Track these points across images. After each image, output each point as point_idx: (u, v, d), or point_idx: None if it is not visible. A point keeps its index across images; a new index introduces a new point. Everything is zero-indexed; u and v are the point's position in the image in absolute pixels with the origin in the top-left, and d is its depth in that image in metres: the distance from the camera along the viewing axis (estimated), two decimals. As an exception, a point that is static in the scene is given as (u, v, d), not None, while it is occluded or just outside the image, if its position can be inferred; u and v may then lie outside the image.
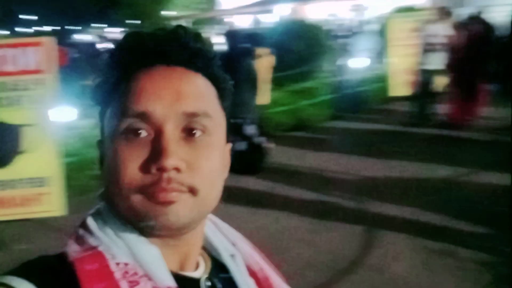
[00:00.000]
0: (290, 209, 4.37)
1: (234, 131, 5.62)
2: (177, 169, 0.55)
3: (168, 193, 0.55)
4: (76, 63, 9.38)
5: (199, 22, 21.46)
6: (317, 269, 3.35)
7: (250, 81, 5.45)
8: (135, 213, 0.56)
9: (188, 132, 0.58)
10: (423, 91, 7.29)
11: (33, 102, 3.83)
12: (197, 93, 0.59)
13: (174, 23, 10.32)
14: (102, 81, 0.62)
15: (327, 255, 3.53)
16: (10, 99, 3.82)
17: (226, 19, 22.19)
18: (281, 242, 3.75)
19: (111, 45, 11.21)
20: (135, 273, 0.56)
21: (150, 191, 0.55)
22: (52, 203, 3.92)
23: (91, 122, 4.78)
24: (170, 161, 0.54)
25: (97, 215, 0.61)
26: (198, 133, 0.58)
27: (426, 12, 7.85)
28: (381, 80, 9.01)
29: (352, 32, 9.88)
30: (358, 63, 8.65)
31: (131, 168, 0.56)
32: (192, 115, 0.58)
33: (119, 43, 0.62)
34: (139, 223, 0.57)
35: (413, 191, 4.63)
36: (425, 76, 7.17)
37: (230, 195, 4.83)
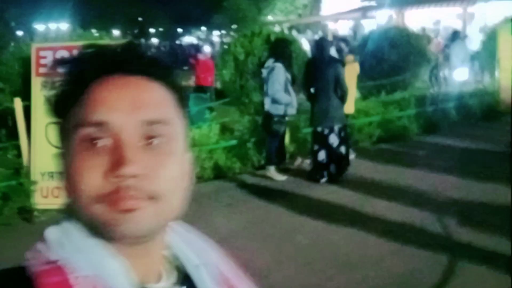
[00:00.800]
0: (365, 226, 4.14)
1: (317, 140, 5.50)
2: (136, 177, 0.56)
3: (128, 201, 0.55)
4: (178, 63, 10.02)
5: (297, 27, 21.52)
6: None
7: (336, 89, 5.29)
8: (96, 222, 0.57)
9: (147, 140, 0.58)
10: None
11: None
12: (154, 101, 0.60)
13: (273, 28, 10.42)
14: (60, 93, 0.62)
15: (401, 281, 3.29)
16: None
17: (327, 24, 22.01)
18: (352, 263, 3.55)
19: (208, 48, 11.66)
20: (95, 287, 0.55)
21: (110, 199, 0.56)
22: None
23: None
24: (128, 169, 0.55)
25: (58, 228, 0.61)
26: (156, 140, 0.58)
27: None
28: (486, 94, 8.31)
29: (455, 41, 9.22)
30: (459, 74, 8.05)
31: (91, 177, 0.56)
32: (150, 123, 0.58)
33: (75, 55, 0.62)
34: (100, 233, 0.57)
35: (506, 220, 4.16)
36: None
37: (305, 205, 4.76)
